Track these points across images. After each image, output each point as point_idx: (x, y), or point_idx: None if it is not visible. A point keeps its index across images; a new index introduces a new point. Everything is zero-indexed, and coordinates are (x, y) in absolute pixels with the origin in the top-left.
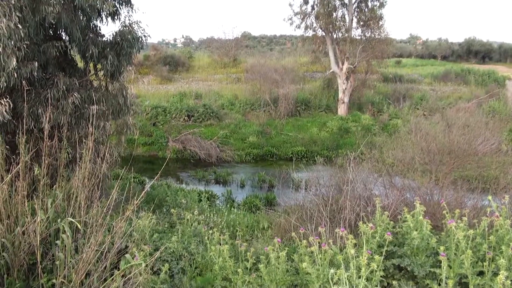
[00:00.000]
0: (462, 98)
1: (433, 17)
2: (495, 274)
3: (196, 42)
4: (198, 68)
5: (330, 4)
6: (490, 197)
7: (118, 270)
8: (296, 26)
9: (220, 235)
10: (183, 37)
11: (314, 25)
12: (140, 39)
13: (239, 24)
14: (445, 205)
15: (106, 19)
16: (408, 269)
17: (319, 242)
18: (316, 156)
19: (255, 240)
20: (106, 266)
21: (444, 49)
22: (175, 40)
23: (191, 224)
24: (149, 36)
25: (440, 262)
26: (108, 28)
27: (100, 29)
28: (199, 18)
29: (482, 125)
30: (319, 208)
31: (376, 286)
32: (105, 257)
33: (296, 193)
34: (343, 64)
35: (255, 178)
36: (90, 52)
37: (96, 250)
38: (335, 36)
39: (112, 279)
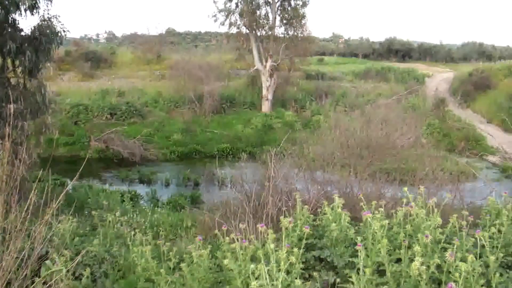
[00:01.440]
0: (382, 95)
1: (355, 16)
2: (412, 260)
3: (119, 37)
4: (121, 65)
5: (253, 2)
6: (405, 189)
7: (39, 277)
8: (221, 23)
9: (142, 236)
10: (106, 32)
11: (238, 22)
12: (60, 34)
13: (163, 20)
14: (362, 197)
15: (25, 12)
16: (328, 260)
17: (240, 239)
18: (241, 152)
19: (179, 239)
20: (26, 274)
21: (365, 48)
22: (97, 35)
23: (114, 226)
24: (68, 31)
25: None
26: (26, 22)
27: (18, 23)
28: (122, 13)
29: (400, 120)
30: (243, 205)
31: (296, 278)
32: (25, 264)
33: (221, 190)
34: (266, 61)
35: (180, 177)
36: (8, 47)
37: (16, 257)
38: (259, 33)
39: (33, 287)
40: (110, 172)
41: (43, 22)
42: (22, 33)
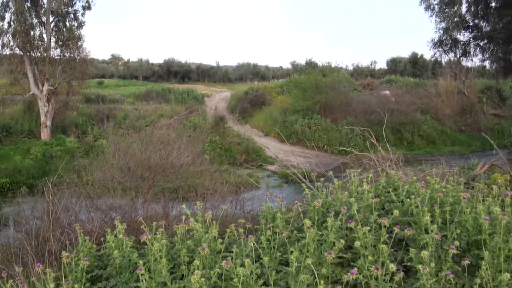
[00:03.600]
0: (164, 115)
1: (133, 37)
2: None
3: None
4: None
5: (27, 22)
6: (183, 205)
7: None
8: None
9: None
10: None
11: (12, 43)
12: None
13: None
14: (142, 220)
15: None
16: None
17: (21, 283)
18: (22, 186)
19: None
20: None
21: (145, 69)
22: None
23: None
24: None
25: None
26: None
27: None
28: None
29: (180, 139)
30: (24, 245)
31: None
32: None
33: (1, 232)
34: (43, 85)
35: None
36: None
37: None
38: (34, 55)
39: None
40: None
41: None
42: None
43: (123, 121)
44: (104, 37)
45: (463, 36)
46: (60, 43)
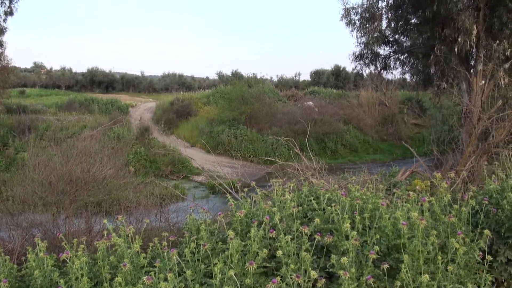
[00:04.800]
0: (88, 126)
1: (56, 45)
2: None
3: None
4: None
5: None
6: (105, 220)
7: None
8: None
9: None
10: None
11: None
12: None
13: None
14: (63, 236)
15: None
16: None
17: None
18: None
19: None
20: None
21: (68, 79)
22: None
23: None
24: None
25: None
26: None
27: None
28: None
29: (103, 151)
30: None
31: None
32: None
33: None
34: None
35: None
36: None
37: None
38: None
39: None
40: None
41: None
42: None
43: (45, 133)
44: (26, 44)
45: (383, 50)
46: None
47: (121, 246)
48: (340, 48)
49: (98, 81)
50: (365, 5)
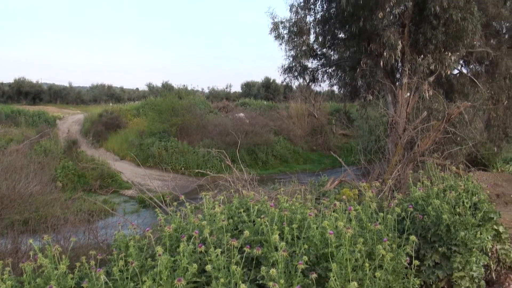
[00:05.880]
0: (14, 140)
1: None
2: None
3: None
4: None
5: None
6: (31, 240)
7: None
8: None
9: None
10: None
11: None
12: None
13: None
14: None
15: None
16: None
17: None
18: None
19: None
20: None
21: None
22: None
23: None
24: None
25: None
26: None
27: None
28: None
29: (26, 167)
30: None
31: None
32: None
33: None
34: None
35: None
36: None
37: None
38: None
39: None
40: None
41: None
42: None
43: None
44: None
45: (311, 64)
46: None
47: (47, 267)
48: (270, 61)
49: (25, 92)
50: (293, 20)
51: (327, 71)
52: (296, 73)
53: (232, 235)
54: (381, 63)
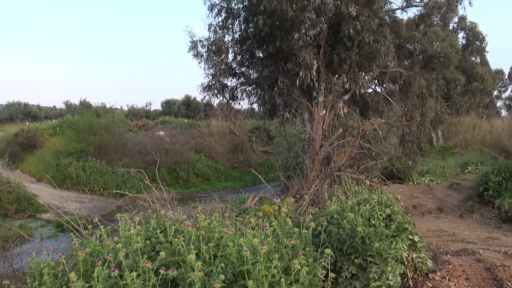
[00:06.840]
0: None
1: None
2: None
3: None
4: None
5: None
6: None
7: None
8: None
9: None
10: None
11: None
12: None
13: None
14: None
15: None
16: None
17: None
18: None
19: None
20: None
21: None
22: None
23: None
24: None
25: None
26: None
27: None
28: None
29: None
30: None
31: None
32: None
33: None
34: None
35: None
36: None
37: None
38: None
39: None
40: None
41: None
42: None
43: None
44: None
45: (231, 82)
46: None
47: None
48: (191, 79)
49: None
50: (211, 39)
51: (246, 89)
52: (215, 91)
53: (149, 257)
54: (298, 82)
